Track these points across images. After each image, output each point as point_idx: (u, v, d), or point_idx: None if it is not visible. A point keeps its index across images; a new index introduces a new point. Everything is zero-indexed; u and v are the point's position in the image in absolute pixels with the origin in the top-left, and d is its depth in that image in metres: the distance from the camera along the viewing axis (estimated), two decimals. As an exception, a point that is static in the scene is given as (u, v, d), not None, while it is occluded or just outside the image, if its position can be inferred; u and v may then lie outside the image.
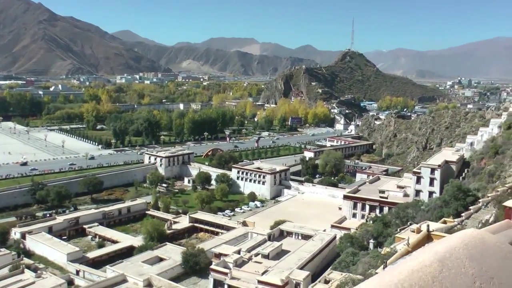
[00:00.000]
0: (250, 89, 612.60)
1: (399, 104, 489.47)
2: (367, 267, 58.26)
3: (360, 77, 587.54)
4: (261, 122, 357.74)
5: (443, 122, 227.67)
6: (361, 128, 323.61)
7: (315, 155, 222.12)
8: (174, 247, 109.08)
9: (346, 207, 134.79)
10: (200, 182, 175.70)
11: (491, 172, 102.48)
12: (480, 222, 58.29)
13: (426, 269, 4.79)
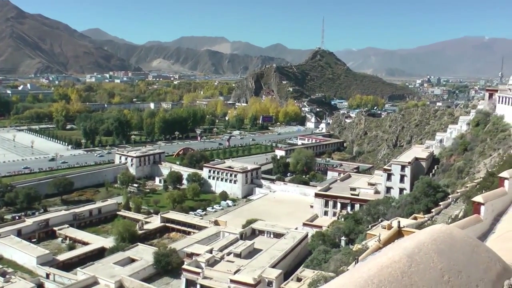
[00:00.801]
0: (221, 88, 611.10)
1: (370, 102, 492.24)
2: (339, 264, 58.57)
3: (331, 75, 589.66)
4: (232, 121, 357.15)
5: (412, 119, 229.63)
6: (332, 126, 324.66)
7: (286, 153, 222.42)
8: (146, 248, 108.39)
9: (318, 205, 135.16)
10: (171, 181, 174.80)
11: (460, 169, 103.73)
12: (450, 218, 59.05)
13: (396, 264, 4.82)
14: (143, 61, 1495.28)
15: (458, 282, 4.92)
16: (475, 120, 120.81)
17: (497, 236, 9.11)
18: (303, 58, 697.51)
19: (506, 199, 22.63)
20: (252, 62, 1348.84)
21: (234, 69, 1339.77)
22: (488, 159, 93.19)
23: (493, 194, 24.70)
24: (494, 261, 5.51)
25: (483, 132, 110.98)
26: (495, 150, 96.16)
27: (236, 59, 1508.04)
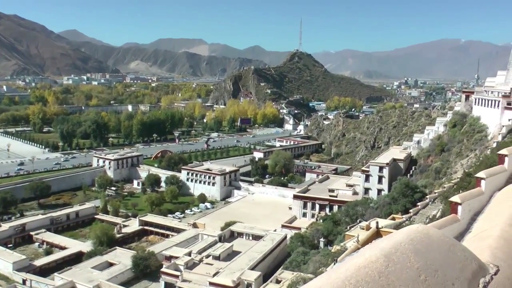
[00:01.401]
0: (199, 90, 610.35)
1: (347, 104, 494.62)
2: (318, 265, 58.73)
3: (309, 77, 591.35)
4: (210, 123, 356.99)
5: (390, 121, 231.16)
6: (310, 128, 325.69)
7: (265, 155, 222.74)
8: (124, 251, 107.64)
9: (296, 207, 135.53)
10: (149, 184, 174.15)
11: (437, 169, 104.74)
12: (428, 218, 59.46)
13: (372, 265, 4.83)
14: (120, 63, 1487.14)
15: (435, 281, 4.94)
16: (452, 121, 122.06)
17: (474, 235, 9.16)
18: (281, 60, 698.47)
19: (482, 199, 22.83)
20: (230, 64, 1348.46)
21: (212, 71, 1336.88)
22: (465, 159, 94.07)
23: (470, 194, 24.92)
24: (470, 260, 5.55)
25: (460, 133, 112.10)
26: (471, 150, 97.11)
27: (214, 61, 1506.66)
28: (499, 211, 10.21)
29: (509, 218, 9.07)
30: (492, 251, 6.83)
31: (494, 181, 26.67)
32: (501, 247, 7.09)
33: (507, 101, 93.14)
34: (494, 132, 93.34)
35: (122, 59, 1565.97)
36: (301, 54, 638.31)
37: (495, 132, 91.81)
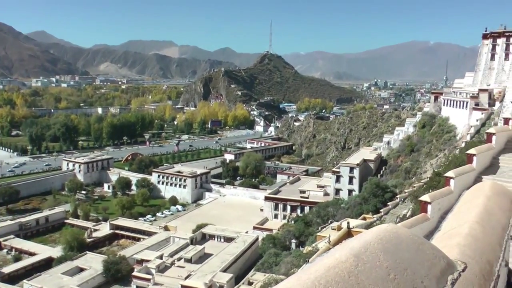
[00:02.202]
0: (169, 93, 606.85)
1: (318, 106, 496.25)
2: (289, 266, 58.79)
3: (279, 79, 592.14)
4: (181, 125, 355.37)
5: (360, 122, 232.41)
6: (281, 129, 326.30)
7: (236, 157, 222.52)
8: (95, 256, 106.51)
9: (268, 208, 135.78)
10: (120, 187, 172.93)
11: (407, 169, 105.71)
12: (398, 217, 59.98)
13: (342, 265, 4.83)
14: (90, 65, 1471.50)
15: (404, 279, 4.96)
16: (421, 122, 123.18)
17: (443, 233, 9.23)
18: (251, 62, 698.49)
19: (451, 198, 23.06)
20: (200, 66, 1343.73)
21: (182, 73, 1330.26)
22: (434, 159, 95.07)
23: (440, 193, 25.18)
24: (438, 257, 5.59)
25: (429, 134, 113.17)
26: (441, 150, 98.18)
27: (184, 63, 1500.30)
28: (467, 209, 10.30)
29: (477, 216, 9.16)
30: (461, 248, 6.89)
31: (463, 180, 26.99)
32: (469, 245, 7.16)
33: (475, 102, 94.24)
34: (463, 132, 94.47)
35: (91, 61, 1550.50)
36: (271, 56, 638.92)
37: (464, 132, 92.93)
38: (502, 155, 34.30)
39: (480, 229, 8.36)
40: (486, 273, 6.66)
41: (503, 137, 35.83)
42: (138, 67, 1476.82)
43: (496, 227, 9.24)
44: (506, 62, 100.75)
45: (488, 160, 33.25)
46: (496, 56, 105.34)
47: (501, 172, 32.20)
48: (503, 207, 11.11)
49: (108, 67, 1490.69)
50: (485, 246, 7.64)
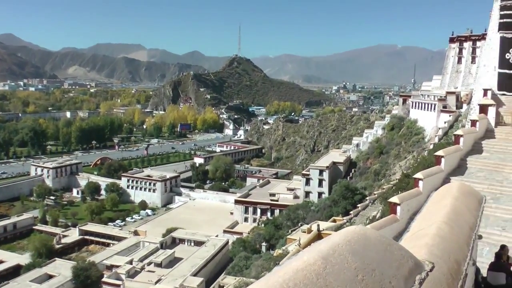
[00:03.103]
0: (138, 96, 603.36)
1: (287, 109, 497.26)
2: (260, 270, 58.73)
3: (248, 82, 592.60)
4: (150, 129, 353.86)
5: (330, 125, 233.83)
6: (250, 133, 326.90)
7: (205, 161, 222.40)
8: (64, 262, 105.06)
9: (238, 212, 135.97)
10: (89, 192, 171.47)
11: (376, 171, 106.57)
12: (368, 219, 60.28)
13: (310, 267, 4.80)
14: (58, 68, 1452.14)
15: (372, 280, 4.95)
16: (390, 124, 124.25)
17: (411, 234, 9.28)
18: (220, 65, 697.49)
19: (420, 199, 23.29)
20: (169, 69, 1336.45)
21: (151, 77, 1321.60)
22: (403, 161, 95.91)
23: (408, 194, 25.44)
24: (406, 258, 5.61)
25: (398, 136, 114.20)
26: (409, 152, 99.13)
27: (153, 66, 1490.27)
28: (435, 210, 10.36)
29: (445, 217, 9.21)
30: (429, 248, 6.92)
31: (431, 181, 27.28)
32: (437, 245, 7.20)
33: (442, 104, 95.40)
34: (431, 134, 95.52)
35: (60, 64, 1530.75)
36: (240, 59, 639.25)
37: (432, 134, 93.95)
38: (469, 156, 34.73)
39: (448, 229, 8.41)
40: (454, 272, 6.71)
41: (470, 139, 36.28)
42: (106, 71, 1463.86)
43: (463, 227, 9.30)
44: (472, 65, 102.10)
45: (456, 162, 33.62)
46: (463, 60, 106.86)
47: (469, 173, 32.60)
48: (471, 207, 11.20)
49: (76, 71, 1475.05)
50: (453, 245, 7.69)
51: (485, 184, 30.63)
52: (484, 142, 36.71)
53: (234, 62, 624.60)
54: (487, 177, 31.80)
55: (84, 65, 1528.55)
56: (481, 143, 36.53)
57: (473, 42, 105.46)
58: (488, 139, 37.35)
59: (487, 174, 32.25)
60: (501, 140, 37.23)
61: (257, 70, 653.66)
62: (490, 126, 39.02)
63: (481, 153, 35.36)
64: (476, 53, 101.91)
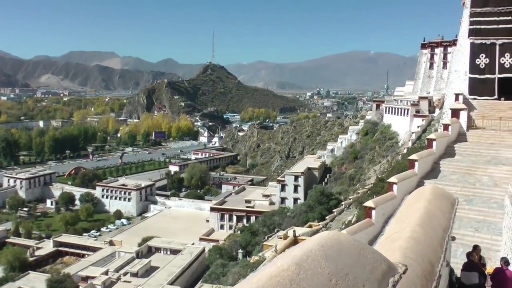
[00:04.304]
0: (112, 104, 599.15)
1: (261, 115, 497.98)
2: (237, 277, 58.61)
3: (222, 89, 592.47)
4: (125, 137, 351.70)
5: (304, 131, 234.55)
6: (225, 140, 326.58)
7: (180, 168, 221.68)
8: (38, 275, 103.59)
9: (214, 219, 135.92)
10: (63, 203, 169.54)
11: (351, 176, 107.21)
12: (344, 223, 60.55)
13: (284, 273, 4.79)
14: (31, 77, 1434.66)
15: (345, 284, 4.95)
16: (364, 129, 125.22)
17: (386, 237, 9.33)
18: (194, 73, 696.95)
19: (395, 203, 23.43)
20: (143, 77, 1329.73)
21: (125, 85, 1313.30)
22: (377, 166, 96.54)
23: (383, 198, 25.57)
24: (379, 261, 5.62)
25: (372, 141, 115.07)
26: (383, 157, 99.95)
27: (127, 74, 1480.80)
28: (409, 213, 10.44)
29: (419, 219, 9.26)
30: (403, 251, 6.95)
31: (406, 185, 27.48)
32: (411, 247, 7.24)
33: (415, 109, 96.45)
34: (404, 139, 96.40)
35: (32, 73, 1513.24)
36: (214, 66, 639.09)
37: (405, 139, 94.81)
38: (442, 160, 35.09)
39: (422, 232, 8.46)
40: (428, 274, 6.75)
41: (443, 143, 36.66)
42: (80, 79, 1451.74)
43: (437, 229, 9.37)
44: (444, 70, 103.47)
45: (429, 165, 33.94)
46: (434, 65, 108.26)
47: (442, 176, 32.92)
48: (444, 210, 11.30)
49: (49, 79, 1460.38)
50: (427, 247, 7.73)
51: (458, 186, 30.97)
52: (456, 146, 37.15)
53: (208, 69, 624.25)
54: (460, 180, 32.17)
55: (57, 73, 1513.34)
56: (453, 147, 36.95)
57: (444, 48, 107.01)
58: (461, 143, 37.80)
59: (460, 176, 32.62)
60: (473, 143, 37.70)
61: (231, 77, 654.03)
62: (462, 130, 39.50)
63: (454, 156, 35.75)
64: (447, 59, 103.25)
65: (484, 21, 46.28)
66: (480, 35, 46.45)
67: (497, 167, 32.86)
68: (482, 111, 42.64)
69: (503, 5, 45.19)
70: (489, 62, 45.97)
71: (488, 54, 46.08)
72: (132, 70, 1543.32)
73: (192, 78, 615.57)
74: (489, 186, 30.98)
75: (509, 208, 24.92)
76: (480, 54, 46.44)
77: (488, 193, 30.16)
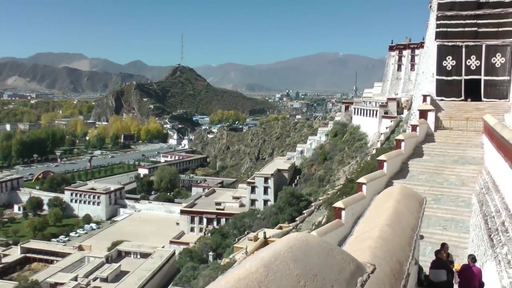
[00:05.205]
0: (81, 107, 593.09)
1: (231, 117, 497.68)
2: (208, 280, 58.49)
3: (191, 91, 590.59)
4: (93, 140, 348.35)
5: (273, 132, 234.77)
6: (195, 142, 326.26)
7: (150, 171, 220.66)
8: (5, 283, 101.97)
9: (184, 222, 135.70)
10: (31, 208, 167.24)
11: (321, 177, 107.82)
12: (314, 224, 60.85)
13: (252, 275, 4.77)
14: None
15: (314, 285, 4.95)
16: (333, 131, 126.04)
17: (355, 237, 9.39)
18: (163, 75, 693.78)
19: (364, 203, 23.60)
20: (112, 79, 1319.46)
21: (93, 87, 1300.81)
22: (347, 166, 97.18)
23: (353, 199, 25.74)
24: (347, 261, 5.64)
25: (341, 142, 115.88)
26: (353, 158, 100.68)
27: (96, 76, 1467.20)
28: (378, 213, 10.50)
29: (388, 219, 9.31)
30: (372, 250, 6.99)
31: (375, 185, 27.70)
32: (380, 247, 7.27)
33: (384, 110, 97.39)
34: (373, 140, 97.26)
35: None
36: (183, 69, 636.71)
37: (374, 140, 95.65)
38: (411, 160, 35.47)
39: (390, 231, 8.51)
40: (397, 272, 6.80)
41: (411, 143, 37.06)
42: (48, 81, 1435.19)
43: (405, 228, 9.43)
44: (412, 72, 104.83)
45: (398, 165, 34.27)
46: (402, 67, 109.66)
47: (410, 176, 33.27)
48: (412, 209, 11.39)
49: (16, 81, 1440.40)
50: (395, 246, 7.78)
51: (426, 186, 31.34)
52: (424, 146, 37.59)
53: (177, 72, 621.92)
54: (428, 179, 32.57)
55: (24, 75, 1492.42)
56: (421, 147, 37.38)
57: (412, 50, 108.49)
58: (428, 143, 38.26)
59: (428, 176, 33.02)
60: (441, 143, 38.19)
61: (200, 79, 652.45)
62: (430, 130, 39.98)
63: (422, 156, 36.17)
64: (415, 61, 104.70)
65: (450, 24, 47.00)
66: (447, 37, 47.16)
67: (464, 167, 33.32)
68: (449, 112, 43.24)
69: (468, 9, 45.97)
70: (456, 64, 46.67)
71: (455, 56, 46.80)
72: (100, 72, 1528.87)
73: (161, 80, 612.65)
74: (456, 185, 31.42)
75: (476, 206, 25.25)
76: (447, 56, 47.12)
77: (455, 192, 30.59)
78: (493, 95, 45.19)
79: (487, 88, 45.45)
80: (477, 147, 35.87)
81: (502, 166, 21.81)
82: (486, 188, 25.59)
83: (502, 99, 44.42)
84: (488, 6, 45.29)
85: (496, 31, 45.03)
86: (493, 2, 45.03)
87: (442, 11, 47.45)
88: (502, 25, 44.76)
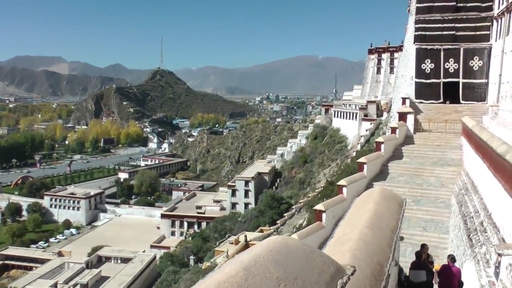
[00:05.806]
0: (60, 111, 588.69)
1: (211, 121, 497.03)
2: (189, 284, 58.43)
3: (171, 95, 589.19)
4: (73, 145, 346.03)
5: (254, 136, 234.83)
6: (175, 145, 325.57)
7: (130, 175, 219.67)
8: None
9: (165, 226, 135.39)
10: (10, 214, 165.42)
11: (301, 180, 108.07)
12: (295, 227, 60.93)
13: (232, 279, 4.76)
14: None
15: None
16: (313, 133, 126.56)
17: (335, 240, 9.42)
18: (143, 78, 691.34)
19: (345, 205, 23.72)
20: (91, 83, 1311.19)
21: (72, 91, 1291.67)
22: (327, 169, 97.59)
23: (333, 201, 25.87)
24: (328, 264, 5.66)
25: (322, 145, 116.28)
26: (333, 160, 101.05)
27: (75, 80, 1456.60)
28: (358, 215, 10.55)
29: (368, 221, 9.36)
30: (352, 253, 7.02)
31: (355, 187, 27.86)
32: (360, 249, 7.31)
33: (363, 113, 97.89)
34: (353, 142, 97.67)
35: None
36: (163, 72, 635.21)
37: (354, 142, 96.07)
38: (391, 162, 35.70)
39: (371, 233, 8.55)
40: (377, 274, 6.84)
41: (391, 145, 37.28)
42: (26, 85, 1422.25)
43: (385, 230, 9.48)
44: (391, 75, 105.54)
45: (378, 167, 34.46)
46: (381, 70, 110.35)
47: (390, 178, 33.47)
48: (392, 211, 11.45)
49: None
50: (376, 248, 7.82)
51: (406, 187, 31.58)
52: (404, 148, 37.84)
53: (157, 75, 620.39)
54: (408, 181, 32.81)
55: (2, 79, 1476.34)
56: (401, 149, 37.63)
57: (391, 53, 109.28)
58: (408, 145, 38.54)
59: (408, 178, 33.26)
60: (420, 145, 38.50)
61: (180, 82, 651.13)
62: (409, 133, 40.27)
63: (402, 158, 36.42)
64: (394, 64, 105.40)
65: (429, 27, 47.44)
66: (425, 41, 47.58)
67: (443, 168, 33.60)
68: (428, 114, 43.61)
69: (447, 13, 46.41)
70: (435, 67, 47.08)
71: (433, 60, 47.19)
72: (80, 75, 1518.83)
73: (141, 84, 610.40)
74: (436, 186, 31.69)
75: (455, 207, 25.48)
76: (425, 60, 47.51)
77: (435, 193, 30.85)
78: (471, 97, 45.65)
79: (465, 90, 45.90)
80: (456, 148, 36.17)
81: (481, 167, 22.01)
82: (465, 189, 25.82)
83: (480, 102, 44.88)
84: (465, 10, 45.76)
85: (473, 34, 45.49)
86: (470, 6, 45.52)
87: (420, 14, 47.89)
88: (479, 29, 45.24)
